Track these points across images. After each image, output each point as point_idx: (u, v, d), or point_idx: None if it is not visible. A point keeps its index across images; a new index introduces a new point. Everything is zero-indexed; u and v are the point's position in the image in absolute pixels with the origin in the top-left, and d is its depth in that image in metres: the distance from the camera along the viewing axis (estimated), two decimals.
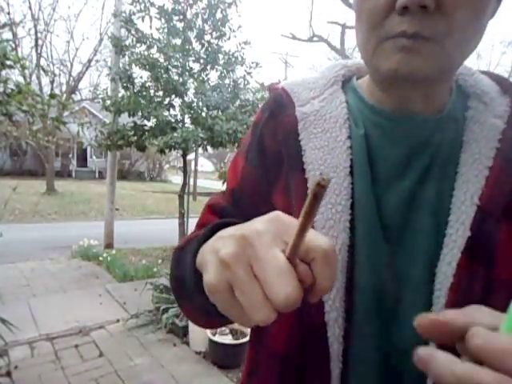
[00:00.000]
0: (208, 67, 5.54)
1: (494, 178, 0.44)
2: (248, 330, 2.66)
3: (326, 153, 0.49)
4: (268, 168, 0.54)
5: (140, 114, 5.13)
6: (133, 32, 5.37)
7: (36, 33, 15.26)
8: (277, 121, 0.53)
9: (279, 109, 0.54)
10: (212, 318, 0.48)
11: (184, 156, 5.64)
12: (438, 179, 0.47)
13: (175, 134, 4.84)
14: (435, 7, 0.39)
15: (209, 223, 0.57)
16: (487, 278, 0.42)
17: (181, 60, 5.25)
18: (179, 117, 5.40)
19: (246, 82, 5.60)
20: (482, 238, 0.43)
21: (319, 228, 0.47)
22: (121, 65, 5.68)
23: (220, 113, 5.33)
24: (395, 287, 0.46)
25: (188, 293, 0.45)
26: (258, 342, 0.56)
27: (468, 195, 0.44)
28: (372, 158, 0.49)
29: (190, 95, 5.45)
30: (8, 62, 2.68)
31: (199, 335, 2.86)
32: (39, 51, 15.55)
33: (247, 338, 2.47)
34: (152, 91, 5.44)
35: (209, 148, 5.50)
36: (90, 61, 16.45)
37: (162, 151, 5.07)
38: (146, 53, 5.36)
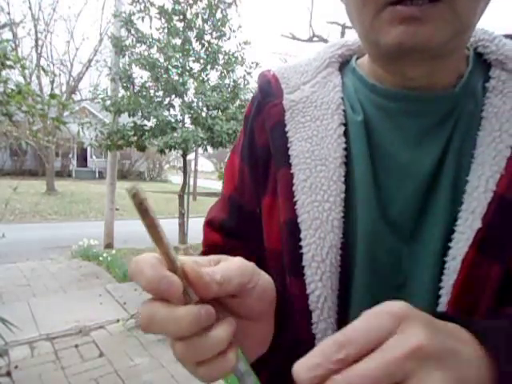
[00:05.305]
0: (208, 67, 5.54)
1: None
2: None
3: (315, 144, 0.44)
4: (258, 165, 0.49)
5: (140, 114, 5.14)
6: (133, 32, 5.37)
7: (36, 33, 15.29)
8: (264, 111, 0.48)
9: (266, 98, 0.48)
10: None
11: (184, 156, 5.64)
12: (455, 164, 0.40)
13: (175, 134, 4.85)
14: None
15: (212, 243, 0.54)
16: (504, 276, 0.36)
17: (181, 60, 5.25)
18: (179, 117, 5.40)
19: (245, 82, 5.60)
20: (497, 231, 0.36)
21: (305, 229, 0.42)
22: (121, 65, 5.68)
23: (220, 113, 5.33)
24: (400, 292, 0.41)
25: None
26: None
27: (483, 180, 0.37)
28: (375, 145, 0.43)
29: (190, 95, 5.45)
30: (8, 62, 2.69)
31: None
32: (39, 51, 15.59)
33: None
34: (152, 91, 5.44)
35: (209, 148, 5.50)
36: (90, 61, 16.48)
37: (162, 151, 5.07)
38: (145, 53, 5.36)
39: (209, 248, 0.55)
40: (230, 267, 0.30)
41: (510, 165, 0.37)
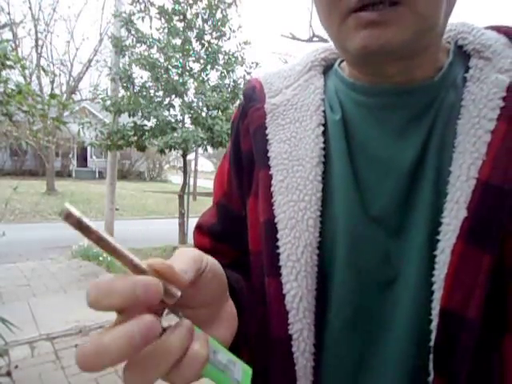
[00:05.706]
0: (208, 67, 5.55)
1: (499, 144, 0.36)
2: None
3: (293, 145, 0.45)
4: (243, 168, 0.50)
5: (140, 113, 5.15)
6: (133, 32, 5.38)
7: (36, 33, 15.30)
8: (248, 116, 0.49)
9: (250, 103, 0.50)
10: None
11: (184, 156, 5.65)
12: (438, 156, 0.40)
13: (175, 134, 4.86)
14: None
15: (202, 247, 0.55)
16: (496, 267, 0.34)
17: (181, 60, 5.26)
18: (179, 117, 5.41)
19: (245, 82, 5.60)
20: (484, 218, 0.35)
21: (281, 228, 0.43)
22: (121, 65, 5.69)
23: (220, 113, 5.34)
24: (388, 289, 0.40)
25: None
26: None
27: (464, 168, 0.37)
28: (355, 142, 0.43)
29: (190, 95, 5.47)
30: (8, 63, 2.69)
31: None
32: (39, 51, 15.60)
33: None
34: (152, 91, 5.45)
35: (209, 148, 5.51)
36: (90, 61, 16.49)
37: (161, 151, 5.08)
38: (146, 53, 5.37)
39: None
40: (183, 258, 0.28)
41: (491, 150, 0.36)
